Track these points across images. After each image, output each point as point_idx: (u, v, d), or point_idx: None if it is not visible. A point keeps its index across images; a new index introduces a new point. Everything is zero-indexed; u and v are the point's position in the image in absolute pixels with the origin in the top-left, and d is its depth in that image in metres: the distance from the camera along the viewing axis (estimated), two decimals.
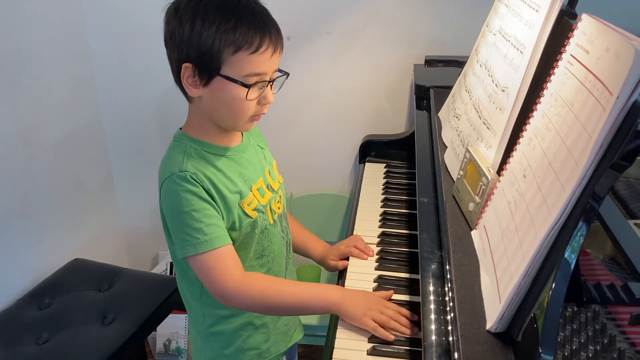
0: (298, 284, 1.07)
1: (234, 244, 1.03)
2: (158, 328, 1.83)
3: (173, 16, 0.93)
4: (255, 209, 1.05)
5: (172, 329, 1.98)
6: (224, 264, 0.97)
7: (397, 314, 0.99)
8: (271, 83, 0.98)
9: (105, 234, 2.07)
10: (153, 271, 2.09)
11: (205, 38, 0.90)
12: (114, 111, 1.97)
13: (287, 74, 1.02)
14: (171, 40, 0.94)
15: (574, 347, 0.77)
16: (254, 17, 0.92)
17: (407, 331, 0.97)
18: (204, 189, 0.96)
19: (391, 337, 0.96)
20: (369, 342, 0.97)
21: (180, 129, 1.05)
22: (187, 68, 0.93)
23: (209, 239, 0.95)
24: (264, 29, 0.93)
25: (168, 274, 2.06)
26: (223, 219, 0.99)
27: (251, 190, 1.05)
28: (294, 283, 1.06)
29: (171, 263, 2.07)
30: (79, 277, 1.65)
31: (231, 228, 1.02)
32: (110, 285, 1.62)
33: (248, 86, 0.93)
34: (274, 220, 1.11)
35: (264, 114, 1.01)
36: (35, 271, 1.67)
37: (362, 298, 1.02)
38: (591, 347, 0.76)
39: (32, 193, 1.65)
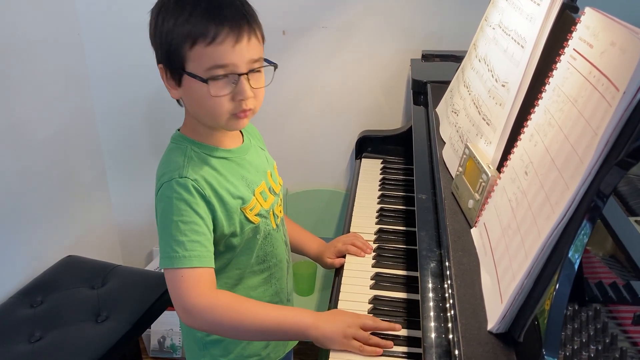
0: (270, 305, 0.99)
1: (235, 250, 1.01)
2: (152, 325, 1.81)
3: (151, 17, 0.92)
4: (258, 214, 1.01)
5: (167, 326, 1.97)
6: (196, 281, 0.90)
7: (376, 322, 0.94)
8: (246, 75, 0.89)
9: (99, 231, 2.05)
10: (147, 268, 2.07)
11: (165, 35, 0.87)
12: (108, 106, 1.95)
13: (275, 65, 0.95)
14: (151, 43, 0.93)
15: (575, 347, 0.76)
16: (210, 4, 0.86)
17: (389, 344, 0.91)
18: (204, 197, 0.92)
19: (379, 352, 0.90)
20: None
21: (178, 130, 1.01)
22: (161, 69, 0.91)
23: (189, 256, 0.90)
24: (220, 16, 0.85)
25: (162, 270, 2.04)
26: (223, 225, 0.95)
27: (254, 195, 1.01)
28: (265, 304, 0.98)
29: None
30: (72, 274, 1.63)
31: (232, 234, 0.98)
32: (104, 282, 1.60)
33: (205, 81, 0.87)
34: (277, 224, 1.08)
35: (249, 110, 0.92)
36: (28, 268, 1.65)
37: (336, 318, 0.94)
38: (592, 347, 0.75)
39: (25, 189, 1.63)
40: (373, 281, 1.11)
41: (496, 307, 0.70)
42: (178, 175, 0.92)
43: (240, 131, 1.07)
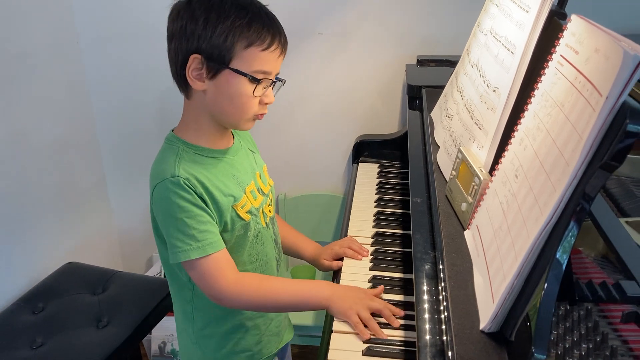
0: (290, 282, 1.08)
1: (226, 245, 1.03)
2: (153, 330, 1.82)
3: (185, 9, 0.94)
4: (249, 212, 1.05)
5: (167, 331, 1.98)
6: (218, 268, 0.98)
7: (385, 308, 1.00)
8: (274, 84, 1.01)
9: (99, 237, 2.06)
10: (147, 273, 2.09)
11: (219, 31, 0.92)
12: (107, 112, 1.96)
13: (284, 81, 1.03)
14: (179, 33, 0.95)
15: (567, 345, 0.78)
16: (267, 17, 0.96)
17: (383, 334, 0.97)
18: (196, 194, 0.96)
19: (366, 336, 0.97)
20: (363, 342, 0.97)
21: (172, 130, 1.04)
22: (195, 59, 0.94)
23: (202, 246, 0.95)
24: (275, 30, 0.97)
25: (162, 276, 2.05)
26: (216, 222, 0.99)
27: (245, 193, 1.05)
28: (286, 281, 1.07)
29: None
30: (73, 280, 1.64)
31: (223, 230, 1.02)
32: (105, 288, 1.62)
33: (258, 81, 0.95)
34: (266, 223, 1.11)
35: (264, 114, 1.02)
36: (29, 275, 1.66)
37: (350, 293, 1.03)
38: (584, 345, 0.77)
39: (25, 196, 1.64)
40: (370, 284, 1.13)
41: (488, 307, 0.72)
42: (170, 175, 0.95)
43: (232, 133, 1.11)
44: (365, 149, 1.77)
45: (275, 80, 1.00)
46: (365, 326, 0.99)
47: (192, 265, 0.97)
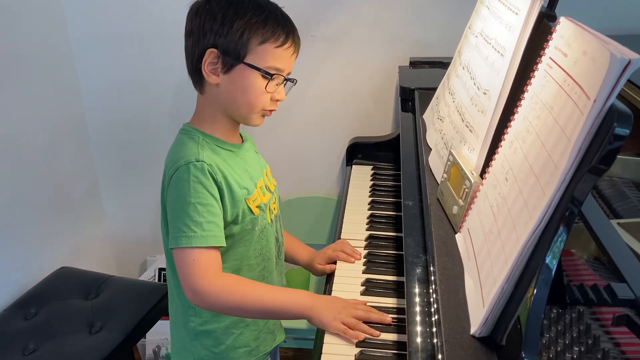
0: (272, 288, 1.07)
1: (233, 237, 1.05)
2: (147, 334, 1.82)
3: (203, 7, 0.98)
4: (258, 206, 1.07)
5: (162, 335, 1.97)
6: (208, 262, 0.97)
7: (367, 313, 1.00)
8: (285, 82, 1.04)
9: (92, 242, 2.05)
10: (141, 278, 2.08)
11: (236, 26, 0.96)
12: (99, 117, 1.96)
13: (295, 81, 1.06)
14: (197, 30, 0.98)
15: (559, 349, 0.77)
16: (282, 17, 1.01)
17: (376, 332, 0.97)
18: (216, 182, 0.98)
19: (361, 337, 0.96)
20: (356, 346, 0.97)
21: (186, 123, 1.07)
22: (211, 53, 0.97)
23: (206, 236, 0.96)
24: (290, 29, 1.01)
25: (156, 280, 2.05)
26: (227, 212, 1.01)
27: (256, 187, 1.08)
28: (268, 287, 1.07)
29: (159, 269, 2.06)
30: (66, 285, 1.63)
31: (233, 222, 1.03)
32: (98, 293, 1.61)
33: (270, 76, 0.98)
34: (271, 219, 1.13)
35: (274, 110, 1.06)
36: (21, 281, 1.65)
37: (332, 303, 1.02)
38: (576, 348, 0.77)
39: (17, 201, 1.63)
40: (363, 287, 1.12)
41: (479, 312, 0.71)
42: (195, 159, 0.97)
43: (240, 134, 1.14)
44: (358, 151, 1.77)
45: (287, 79, 1.03)
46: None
47: (186, 252, 0.96)
